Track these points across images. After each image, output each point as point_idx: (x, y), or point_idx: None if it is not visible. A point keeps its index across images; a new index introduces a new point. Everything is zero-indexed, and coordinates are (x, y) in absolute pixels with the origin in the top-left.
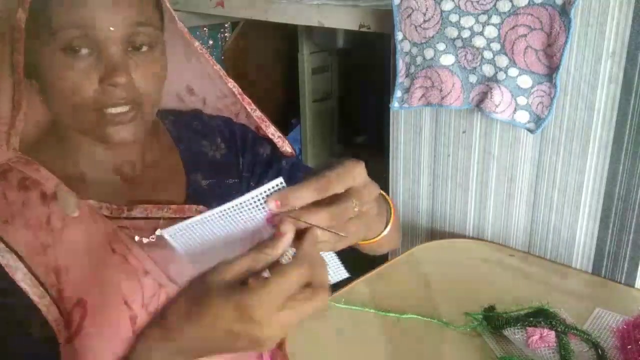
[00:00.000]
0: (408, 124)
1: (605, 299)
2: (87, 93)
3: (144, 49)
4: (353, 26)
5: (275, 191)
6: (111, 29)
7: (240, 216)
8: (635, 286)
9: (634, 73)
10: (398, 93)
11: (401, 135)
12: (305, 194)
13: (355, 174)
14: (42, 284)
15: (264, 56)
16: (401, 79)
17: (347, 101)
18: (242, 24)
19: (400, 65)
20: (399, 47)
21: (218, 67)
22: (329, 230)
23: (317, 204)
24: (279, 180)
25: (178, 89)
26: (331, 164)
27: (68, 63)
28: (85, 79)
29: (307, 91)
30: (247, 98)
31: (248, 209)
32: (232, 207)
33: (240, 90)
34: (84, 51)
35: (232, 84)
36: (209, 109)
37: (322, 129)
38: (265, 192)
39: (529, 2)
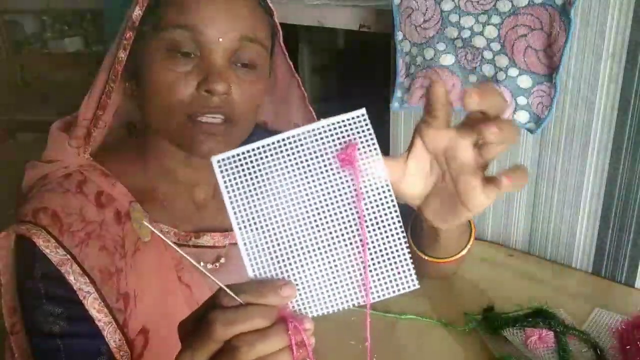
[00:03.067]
0: (408, 124)
1: (604, 299)
2: (182, 96)
3: (249, 65)
4: (353, 26)
5: (356, 122)
6: (220, 39)
7: (307, 149)
8: (635, 286)
9: (634, 73)
10: (398, 93)
11: (401, 135)
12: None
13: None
14: (110, 310)
15: None
16: (401, 79)
17: (347, 101)
18: None
19: (400, 65)
20: (399, 47)
21: (303, 91)
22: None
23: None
24: (361, 112)
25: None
26: None
27: (170, 63)
28: (184, 81)
29: (307, 91)
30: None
31: (320, 141)
32: (300, 134)
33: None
34: (188, 54)
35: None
36: None
37: None
38: (344, 121)
39: (529, 2)
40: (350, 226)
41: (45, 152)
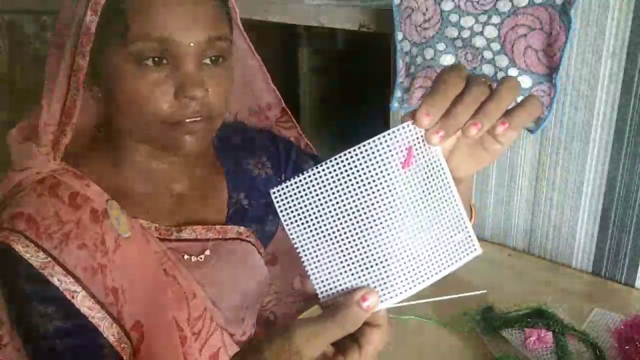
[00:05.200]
0: None
1: (604, 299)
2: (162, 105)
3: (219, 62)
4: (353, 26)
5: (406, 133)
6: (191, 44)
7: (366, 167)
8: (635, 286)
9: (634, 73)
10: (398, 93)
11: None
12: (443, 95)
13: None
14: (102, 306)
15: (264, 56)
16: (401, 79)
17: (347, 101)
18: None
19: (400, 65)
20: (399, 47)
21: (265, 71)
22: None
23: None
24: (408, 123)
25: None
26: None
27: (142, 74)
28: (160, 91)
29: (307, 91)
30: (285, 108)
31: (378, 155)
32: (357, 151)
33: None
34: (159, 62)
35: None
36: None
37: (322, 129)
38: (394, 132)
39: (529, 2)
40: (412, 211)
41: (14, 162)
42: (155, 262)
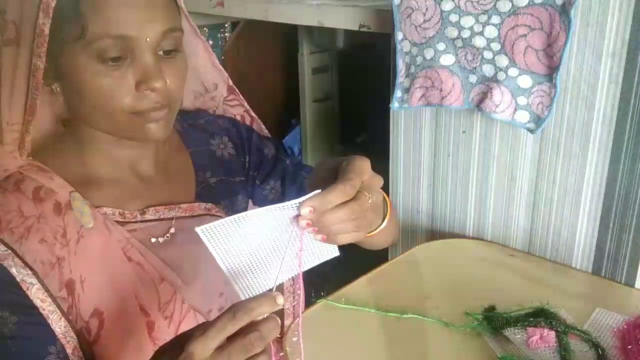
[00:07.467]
0: (408, 124)
1: (605, 299)
2: (124, 99)
3: (173, 52)
4: (353, 26)
5: (311, 197)
6: (147, 39)
7: (274, 219)
8: (635, 286)
9: (634, 73)
10: (398, 93)
11: (401, 135)
12: (334, 199)
13: (364, 169)
14: (53, 299)
15: (264, 56)
16: (401, 79)
17: (347, 101)
18: (242, 24)
19: (400, 65)
20: (399, 47)
21: (210, 52)
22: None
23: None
24: (318, 191)
25: None
26: (339, 162)
27: (103, 71)
28: (122, 85)
29: (307, 91)
30: (233, 88)
31: (283, 212)
32: (270, 209)
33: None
34: (119, 58)
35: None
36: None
37: (322, 129)
38: (302, 200)
39: (529, 2)
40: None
41: None
42: (118, 251)
